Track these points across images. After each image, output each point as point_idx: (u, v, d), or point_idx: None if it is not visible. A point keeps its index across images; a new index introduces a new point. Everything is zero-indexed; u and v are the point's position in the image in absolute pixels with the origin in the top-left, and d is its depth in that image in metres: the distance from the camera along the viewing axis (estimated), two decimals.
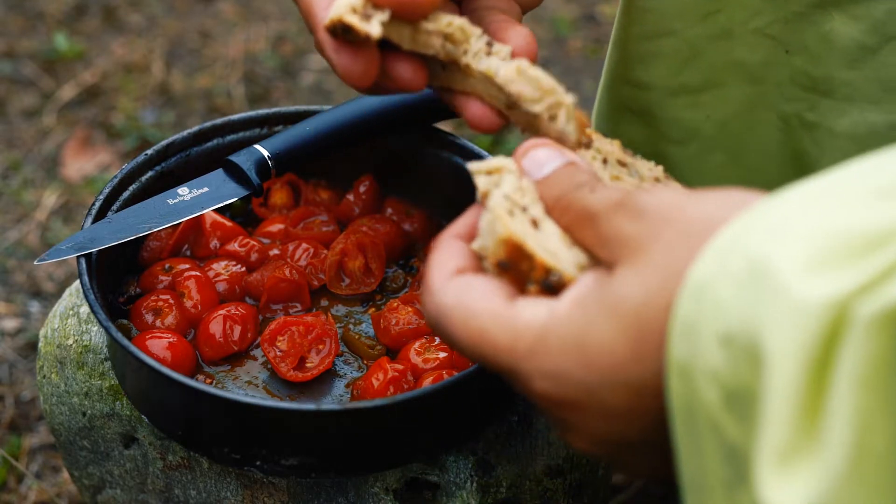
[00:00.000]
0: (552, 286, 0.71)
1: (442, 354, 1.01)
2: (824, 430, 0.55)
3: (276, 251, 1.11)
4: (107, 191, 1.05)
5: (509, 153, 2.31)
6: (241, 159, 1.07)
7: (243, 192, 1.06)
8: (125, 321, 1.03)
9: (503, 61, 0.85)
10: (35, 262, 1.00)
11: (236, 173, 1.07)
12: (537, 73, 0.84)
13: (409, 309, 1.04)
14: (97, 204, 1.04)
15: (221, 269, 1.08)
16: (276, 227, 1.14)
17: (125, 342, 0.93)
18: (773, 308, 0.57)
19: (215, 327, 1.02)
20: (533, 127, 0.85)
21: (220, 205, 1.05)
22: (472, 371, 0.93)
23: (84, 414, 1.05)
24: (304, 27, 2.31)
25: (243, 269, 1.08)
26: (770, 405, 0.56)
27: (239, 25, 2.30)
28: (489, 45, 0.87)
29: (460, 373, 0.94)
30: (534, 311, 0.69)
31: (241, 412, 0.93)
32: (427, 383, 0.98)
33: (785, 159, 1.09)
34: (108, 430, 1.05)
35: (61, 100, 2.11)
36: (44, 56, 2.20)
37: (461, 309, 0.71)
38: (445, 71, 0.89)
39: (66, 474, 1.49)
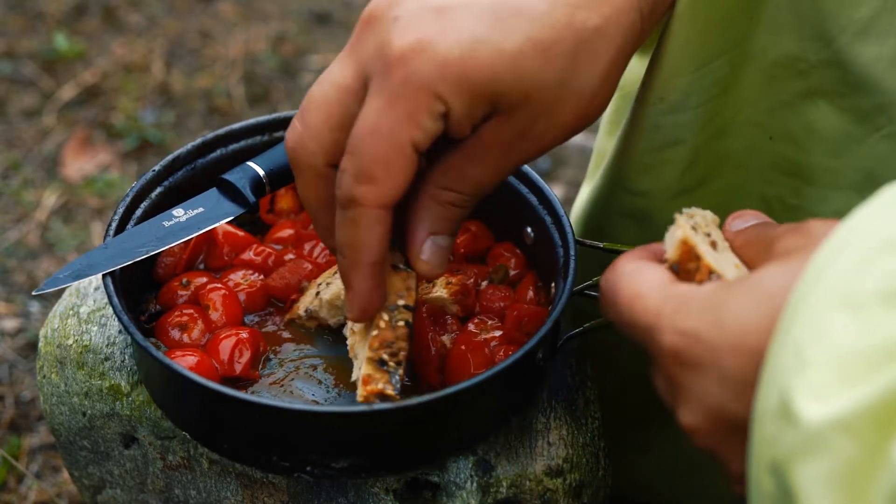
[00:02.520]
0: None
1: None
2: None
3: (291, 256, 1.10)
4: (121, 211, 1.05)
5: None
6: (236, 177, 1.06)
7: (239, 211, 1.05)
8: (152, 339, 1.02)
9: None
10: (33, 293, 0.99)
11: (230, 191, 1.06)
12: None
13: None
14: (113, 225, 1.03)
15: (240, 279, 1.08)
16: (286, 233, 1.13)
17: (176, 366, 0.93)
18: (791, 440, 0.61)
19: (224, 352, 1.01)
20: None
21: (216, 224, 1.05)
22: (512, 361, 0.94)
23: (84, 414, 1.05)
24: (303, 27, 2.31)
25: (261, 277, 1.08)
26: None
27: (239, 25, 2.30)
28: None
29: (497, 366, 0.94)
30: (686, 286, 0.78)
31: (294, 420, 0.93)
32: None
33: None
34: (108, 430, 1.05)
35: (61, 100, 2.11)
36: (44, 56, 2.20)
37: (630, 277, 0.80)
38: None
39: (66, 474, 1.49)
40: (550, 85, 0.84)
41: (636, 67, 1.06)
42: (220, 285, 1.06)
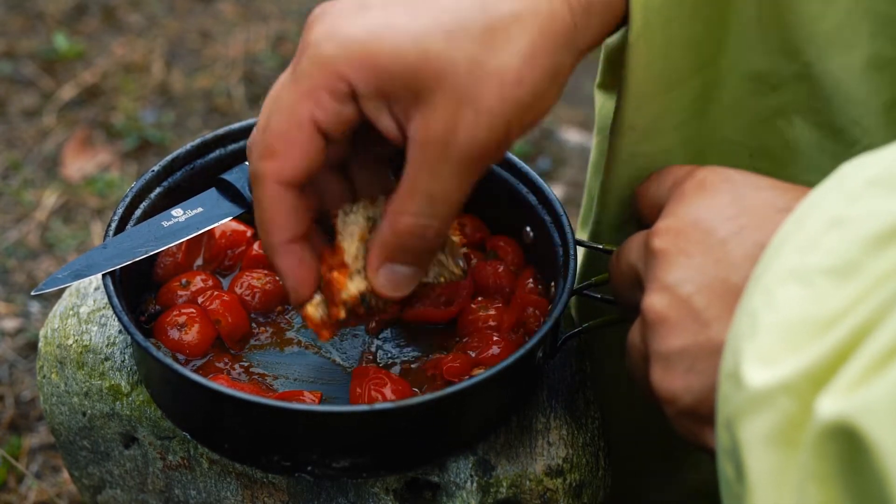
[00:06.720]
0: None
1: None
2: None
3: None
4: (121, 211, 1.04)
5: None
6: (235, 177, 1.06)
7: (238, 211, 1.05)
8: (152, 339, 1.02)
9: None
10: (32, 293, 0.99)
11: (230, 191, 1.06)
12: None
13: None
14: (113, 225, 1.03)
15: (254, 280, 1.07)
16: None
17: (176, 366, 0.93)
18: (738, 400, 0.67)
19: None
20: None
21: (216, 224, 1.05)
22: (517, 357, 0.94)
23: (84, 414, 1.05)
24: (303, 27, 2.31)
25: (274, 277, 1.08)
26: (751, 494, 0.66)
27: (239, 25, 2.31)
28: None
29: (497, 365, 0.93)
30: None
31: (295, 419, 0.93)
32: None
33: None
34: (108, 430, 1.05)
35: (61, 100, 2.11)
36: (44, 56, 2.20)
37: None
38: None
39: (66, 474, 1.49)
40: (462, 63, 0.83)
41: (610, 104, 1.06)
42: (222, 293, 1.05)
